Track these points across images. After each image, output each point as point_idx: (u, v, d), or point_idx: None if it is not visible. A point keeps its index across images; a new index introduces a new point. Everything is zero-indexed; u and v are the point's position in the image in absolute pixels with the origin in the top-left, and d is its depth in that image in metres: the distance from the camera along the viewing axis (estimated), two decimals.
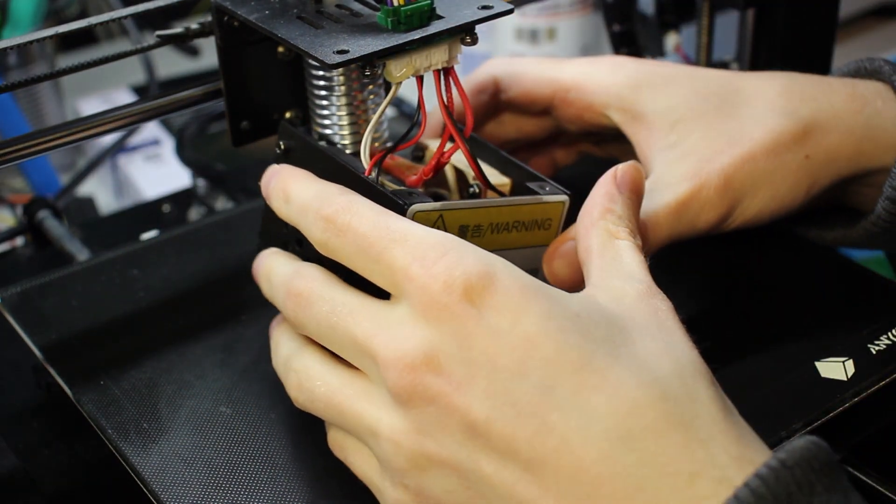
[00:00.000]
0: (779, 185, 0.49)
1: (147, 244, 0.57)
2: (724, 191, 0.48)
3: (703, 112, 0.50)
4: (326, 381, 0.40)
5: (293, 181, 0.43)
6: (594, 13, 0.94)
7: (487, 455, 0.35)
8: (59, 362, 0.49)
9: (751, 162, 0.48)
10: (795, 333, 0.49)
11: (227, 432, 0.45)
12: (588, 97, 0.53)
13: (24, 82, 0.48)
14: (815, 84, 0.51)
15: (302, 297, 0.41)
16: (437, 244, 0.37)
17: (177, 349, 0.49)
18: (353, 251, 0.39)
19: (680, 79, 0.52)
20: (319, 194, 0.41)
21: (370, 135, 0.44)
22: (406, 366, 0.36)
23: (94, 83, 0.98)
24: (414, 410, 0.36)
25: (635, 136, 0.52)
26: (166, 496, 0.42)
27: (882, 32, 1.09)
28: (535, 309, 0.36)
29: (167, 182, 0.83)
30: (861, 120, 0.49)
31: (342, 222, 0.39)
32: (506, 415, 0.35)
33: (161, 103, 0.51)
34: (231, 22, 0.47)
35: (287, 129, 0.48)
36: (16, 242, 0.69)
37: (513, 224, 0.45)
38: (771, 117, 0.49)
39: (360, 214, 0.39)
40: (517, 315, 0.36)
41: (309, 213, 0.41)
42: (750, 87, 0.51)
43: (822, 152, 0.49)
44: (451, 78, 0.44)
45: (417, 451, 0.36)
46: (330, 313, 0.39)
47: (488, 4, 0.43)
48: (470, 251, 0.37)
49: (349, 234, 0.39)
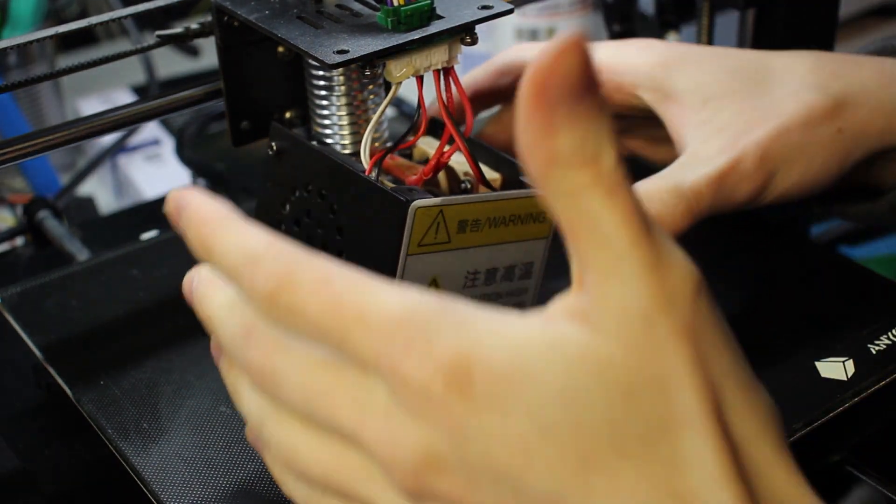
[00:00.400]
0: (813, 158, 0.49)
1: (147, 244, 0.57)
2: (762, 163, 0.48)
3: (734, 89, 0.50)
4: (319, 459, 0.34)
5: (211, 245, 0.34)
6: (594, 13, 0.94)
7: None
8: (59, 362, 0.49)
9: (786, 135, 0.48)
10: (795, 333, 0.49)
11: (227, 432, 0.45)
12: (618, 78, 0.53)
13: (24, 82, 0.48)
14: (843, 61, 0.51)
15: (265, 377, 0.34)
16: (400, 325, 0.30)
17: (177, 349, 0.49)
18: (312, 339, 0.32)
19: (709, 57, 0.52)
20: (250, 261, 0.33)
21: (370, 135, 0.44)
22: (407, 472, 0.31)
23: (94, 83, 0.98)
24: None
25: (667, 113, 0.52)
26: (166, 496, 0.42)
27: (882, 32, 1.08)
28: (523, 399, 0.29)
29: (167, 182, 0.83)
30: (890, 95, 0.50)
31: (286, 303, 0.32)
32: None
33: (161, 103, 0.51)
34: (231, 22, 0.47)
35: (279, 129, 0.48)
36: (16, 242, 0.69)
37: (510, 218, 0.45)
38: (803, 92, 0.50)
39: (301, 294, 0.32)
40: (506, 411, 0.29)
41: (242, 279, 0.33)
42: (779, 64, 0.51)
43: (854, 126, 0.49)
44: (451, 78, 0.44)
45: None
46: (303, 400, 0.33)
47: (488, 4, 0.43)
48: (438, 330, 0.30)
49: (298, 318, 0.32)
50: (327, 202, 0.45)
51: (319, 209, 0.45)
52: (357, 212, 0.44)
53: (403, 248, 0.42)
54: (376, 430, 0.31)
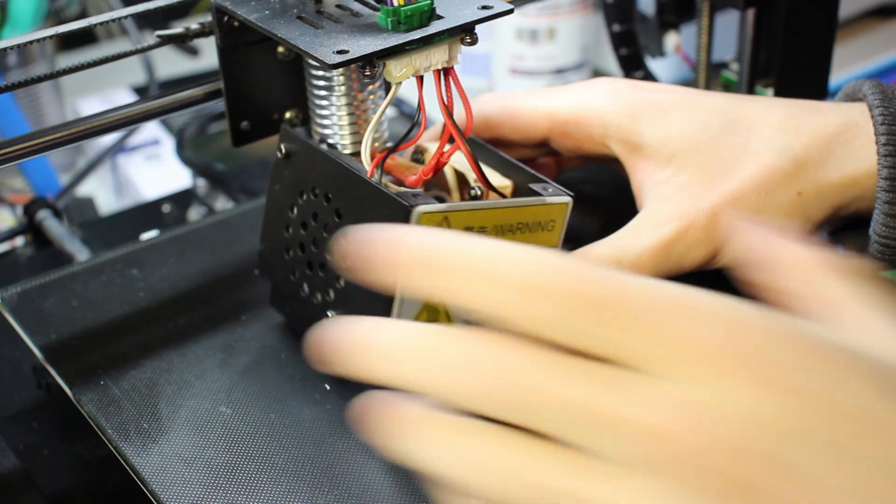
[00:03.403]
0: (770, 223, 0.48)
1: (147, 244, 0.57)
2: (712, 230, 0.48)
3: (701, 142, 0.50)
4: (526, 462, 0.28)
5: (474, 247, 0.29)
6: (594, 13, 0.94)
7: None
8: (59, 362, 0.49)
9: (741, 200, 0.48)
10: None
11: (227, 432, 0.45)
12: (586, 129, 0.52)
13: (24, 82, 0.48)
14: (811, 111, 0.50)
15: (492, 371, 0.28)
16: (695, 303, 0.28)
17: (177, 349, 0.49)
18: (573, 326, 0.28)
19: (679, 108, 0.51)
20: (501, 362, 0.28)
21: (370, 135, 0.44)
22: (726, 448, 0.26)
23: (94, 83, 0.98)
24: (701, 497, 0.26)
25: (633, 169, 0.51)
26: (166, 496, 0.42)
27: (882, 32, 1.09)
28: (861, 369, 0.27)
29: (167, 182, 0.83)
30: (853, 150, 0.49)
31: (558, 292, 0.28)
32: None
33: (161, 103, 0.51)
34: (231, 22, 0.47)
35: (288, 132, 0.48)
36: (16, 242, 0.69)
37: (516, 226, 0.45)
38: (765, 154, 0.49)
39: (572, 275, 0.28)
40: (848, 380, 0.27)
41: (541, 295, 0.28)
42: (751, 114, 0.50)
43: (814, 188, 0.49)
44: (451, 78, 0.44)
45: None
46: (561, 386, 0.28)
47: (488, 4, 0.43)
48: (749, 307, 0.28)
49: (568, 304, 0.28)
50: (332, 206, 0.45)
51: (325, 213, 0.45)
52: (362, 216, 0.44)
53: None
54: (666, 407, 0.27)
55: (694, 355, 0.27)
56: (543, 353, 0.28)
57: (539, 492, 0.28)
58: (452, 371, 0.28)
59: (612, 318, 0.27)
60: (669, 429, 0.26)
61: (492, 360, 0.28)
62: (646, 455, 0.26)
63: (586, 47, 0.95)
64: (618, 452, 0.27)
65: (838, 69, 0.86)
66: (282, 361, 0.48)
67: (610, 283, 0.28)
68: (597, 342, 0.28)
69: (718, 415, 0.26)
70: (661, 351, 0.27)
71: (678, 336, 0.27)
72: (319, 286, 0.46)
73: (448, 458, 0.29)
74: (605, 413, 0.27)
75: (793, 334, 0.27)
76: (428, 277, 0.29)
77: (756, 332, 0.27)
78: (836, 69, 0.66)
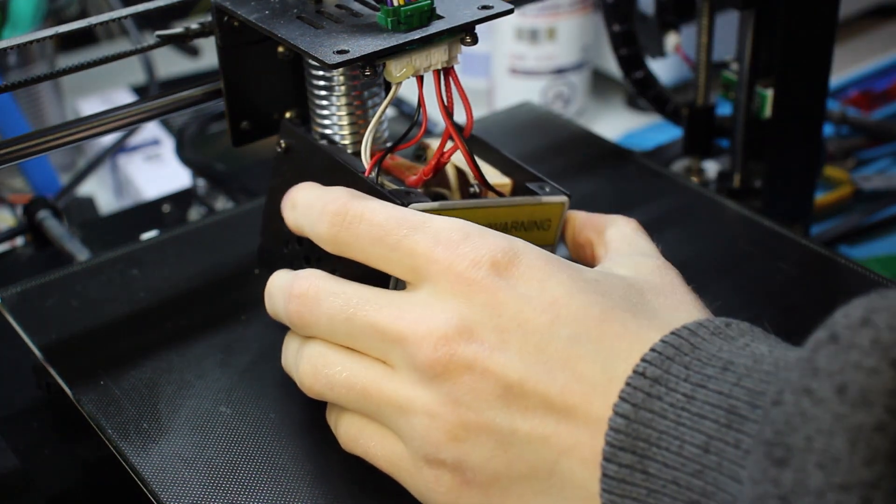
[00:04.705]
0: None
1: (147, 244, 0.57)
2: None
3: None
4: (346, 366, 0.40)
5: (299, 189, 0.44)
6: (594, 13, 0.94)
7: (523, 413, 0.37)
8: (59, 362, 0.49)
9: None
10: (796, 334, 0.49)
11: (227, 432, 0.45)
12: None
13: (24, 82, 0.48)
14: None
15: (307, 297, 0.41)
16: (458, 228, 0.39)
17: (177, 349, 0.49)
18: (366, 242, 0.40)
19: None
20: (325, 194, 0.42)
21: (370, 135, 0.44)
22: (439, 338, 0.37)
23: (94, 83, 0.98)
24: (448, 382, 0.37)
25: None
26: (166, 496, 0.42)
27: (882, 32, 1.09)
28: (558, 276, 0.38)
29: (167, 182, 0.83)
30: None
31: (353, 215, 0.40)
32: (538, 372, 0.36)
33: (161, 103, 0.51)
34: (231, 22, 0.47)
35: (288, 127, 0.48)
36: (16, 242, 0.69)
37: (511, 224, 0.45)
38: None
39: (371, 208, 0.40)
40: (543, 282, 0.38)
41: (314, 210, 0.42)
42: None
43: None
44: (451, 78, 0.44)
45: (455, 421, 0.37)
46: (344, 306, 0.40)
47: (488, 4, 0.43)
48: (490, 233, 0.39)
49: (362, 225, 0.40)
50: None
51: None
52: None
53: None
54: (413, 317, 0.38)
55: (445, 273, 0.38)
56: (346, 286, 0.40)
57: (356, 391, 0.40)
58: (288, 307, 0.41)
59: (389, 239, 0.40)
60: (416, 333, 0.38)
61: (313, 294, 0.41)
62: (411, 358, 0.38)
63: (586, 47, 0.95)
64: (398, 359, 0.39)
65: (838, 69, 0.86)
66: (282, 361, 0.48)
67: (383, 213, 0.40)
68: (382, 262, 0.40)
69: (448, 316, 0.37)
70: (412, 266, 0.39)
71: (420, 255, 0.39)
72: None
73: (292, 362, 0.42)
74: (392, 329, 0.38)
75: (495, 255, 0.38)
76: (284, 214, 0.44)
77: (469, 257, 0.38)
78: (836, 69, 0.66)
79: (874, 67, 1.01)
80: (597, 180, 0.62)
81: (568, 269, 0.39)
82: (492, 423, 0.37)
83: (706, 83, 0.68)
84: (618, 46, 0.71)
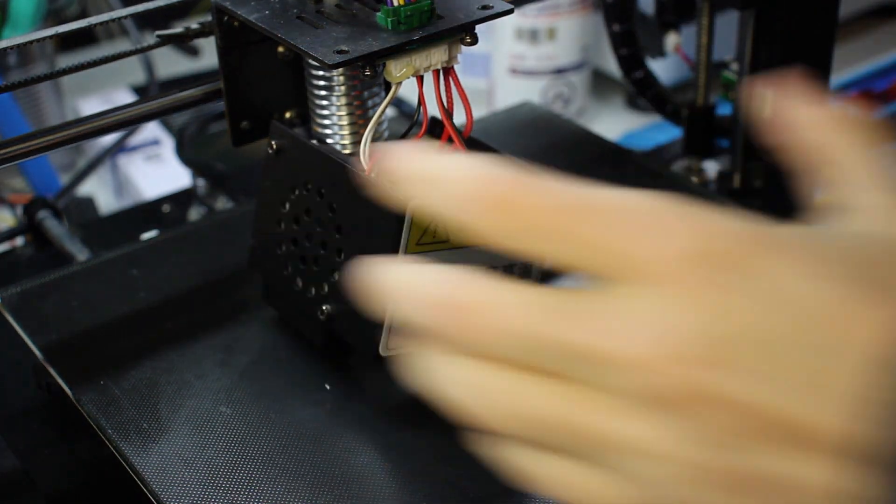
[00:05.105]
0: None
1: (147, 244, 0.57)
2: None
3: None
4: (531, 395, 0.30)
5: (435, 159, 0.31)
6: (594, 13, 0.94)
7: (794, 458, 0.28)
8: (59, 362, 0.49)
9: None
10: None
11: (227, 432, 0.45)
12: None
13: (24, 82, 0.48)
14: None
15: (473, 309, 0.30)
16: (664, 208, 0.30)
17: (177, 349, 0.49)
18: (538, 233, 0.30)
19: None
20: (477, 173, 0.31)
21: (370, 135, 0.44)
22: (672, 360, 0.28)
23: (94, 83, 0.98)
24: (687, 414, 0.28)
25: None
26: (166, 496, 0.42)
27: (882, 32, 1.09)
28: (811, 263, 0.28)
29: (167, 182, 0.83)
30: None
31: (519, 202, 0.30)
32: (807, 404, 0.27)
33: (161, 103, 0.51)
34: (231, 22, 0.47)
35: (278, 128, 0.48)
36: (16, 242, 0.69)
37: None
38: None
39: (534, 188, 0.30)
40: (794, 274, 0.28)
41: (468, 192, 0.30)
42: None
43: None
44: (451, 78, 0.44)
45: (700, 464, 0.28)
46: (526, 318, 0.30)
47: (488, 4, 0.43)
48: (705, 213, 0.30)
49: (528, 213, 0.30)
50: (326, 201, 0.45)
51: (318, 208, 0.45)
52: (355, 210, 0.44)
53: (402, 247, 0.43)
54: (625, 331, 0.28)
55: (655, 267, 0.29)
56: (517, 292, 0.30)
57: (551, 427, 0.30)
58: (444, 319, 0.31)
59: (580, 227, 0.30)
60: (639, 354, 0.28)
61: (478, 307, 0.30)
62: (632, 385, 0.28)
63: (586, 47, 0.95)
64: (611, 385, 0.29)
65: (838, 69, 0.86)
66: (282, 361, 0.48)
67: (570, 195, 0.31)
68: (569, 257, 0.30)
69: (675, 331, 0.28)
70: (625, 261, 0.29)
71: (641, 246, 0.29)
72: (313, 280, 0.46)
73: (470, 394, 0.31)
74: (586, 350, 0.29)
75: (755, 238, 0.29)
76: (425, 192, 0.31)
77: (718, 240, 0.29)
78: (836, 69, 0.66)
79: (874, 67, 1.01)
80: (597, 180, 0.62)
81: (820, 247, 0.29)
82: (747, 468, 0.28)
83: (706, 83, 0.68)
84: (618, 46, 0.71)
